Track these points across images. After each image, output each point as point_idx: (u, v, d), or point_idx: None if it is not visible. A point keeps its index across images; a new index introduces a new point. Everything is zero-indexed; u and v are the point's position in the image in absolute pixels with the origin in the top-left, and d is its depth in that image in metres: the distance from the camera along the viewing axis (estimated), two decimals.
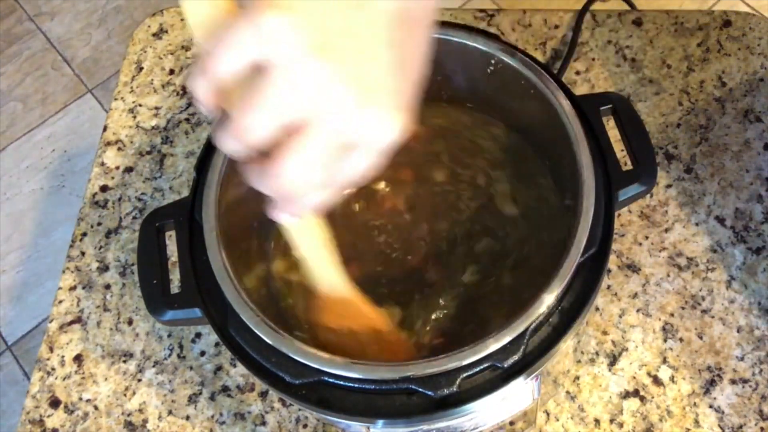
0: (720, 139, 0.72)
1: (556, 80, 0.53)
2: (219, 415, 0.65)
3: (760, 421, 0.61)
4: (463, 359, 0.44)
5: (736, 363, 0.63)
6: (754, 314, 0.64)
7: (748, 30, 0.77)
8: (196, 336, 0.69)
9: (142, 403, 0.66)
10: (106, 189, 0.77)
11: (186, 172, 0.76)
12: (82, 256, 0.73)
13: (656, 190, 0.70)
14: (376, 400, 0.45)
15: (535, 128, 0.59)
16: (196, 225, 0.52)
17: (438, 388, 0.43)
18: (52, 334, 0.70)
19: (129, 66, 0.83)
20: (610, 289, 0.66)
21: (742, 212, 0.69)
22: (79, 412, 0.66)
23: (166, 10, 0.87)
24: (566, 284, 0.46)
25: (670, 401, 0.62)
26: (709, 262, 0.67)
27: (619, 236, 0.68)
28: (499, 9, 0.82)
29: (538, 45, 0.79)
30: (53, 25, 1.82)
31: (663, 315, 0.65)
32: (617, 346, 0.64)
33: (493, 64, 0.55)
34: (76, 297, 0.71)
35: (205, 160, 0.53)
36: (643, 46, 0.77)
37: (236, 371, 0.67)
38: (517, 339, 0.44)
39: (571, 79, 0.76)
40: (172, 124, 0.79)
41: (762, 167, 0.70)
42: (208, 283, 0.50)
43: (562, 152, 0.52)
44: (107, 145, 0.79)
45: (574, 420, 0.62)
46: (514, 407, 0.52)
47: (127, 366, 0.68)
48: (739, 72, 0.75)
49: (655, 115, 0.74)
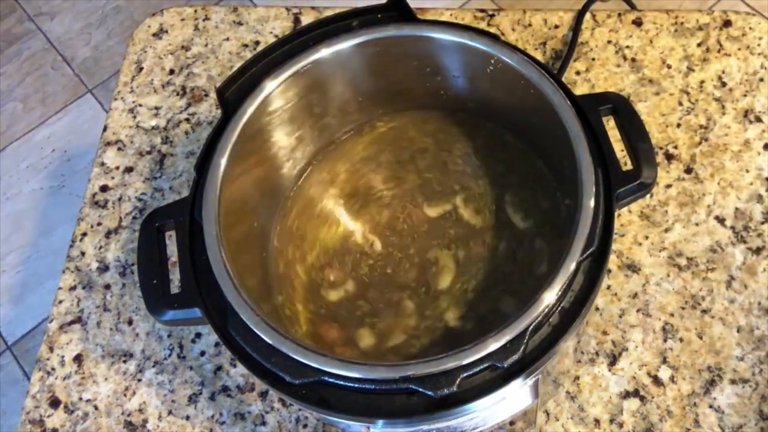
0: (720, 139, 0.72)
1: (556, 80, 0.53)
2: (219, 415, 0.65)
3: (760, 421, 0.61)
4: (463, 359, 0.44)
5: (736, 363, 0.63)
6: (754, 314, 0.64)
7: (748, 30, 0.77)
8: (196, 336, 0.69)
9: (142, 403, 0.66)
10: (106, 189, 0.77)
11: (186, 172, 0.76)
12: (82, 256, 0.73)
13: (656, 190, 0.70)
14: (376, 400, 0.45)
15: (535, 128, 0.59)
16: (196, 225, 0.52)
17: (438, 387, 0.43)
18: (52, 334, 0.70)
19: (129, 66, 0.83)
20: (610, 289, 0.66)
21: (742, 212, 0.69)
22: (79, 412, 0.66)
23: (166, 10, 0.87)
24: (566, 284, 0.46)
25: (670, 401, 0.62)
26: (709, 262, 0.67)
27: (619, 236, 0.68)
28: (499, 9, 0.82)
29: (538, 45, 0.79)
30: (53, 25, 1.82)
31: (663, 315, 0.65)
32: (617, 346, 0.64)
33: (493, 64, 0.55)
34: (76, 297, 0.71)
35: (205, 160, 0.53)
36: (643, 46, 0.77)
37: (236, 371, 0.67)
38: (517, 339, 0.44)
39: (571, 79, 0.76)
40: (172, 124, 0.79)
41: (762, 167, 0.70)
42: (208, 283, 0.50)
43: (562, 152, 0.52)
44: (107, 145, 0.79)
45: (574, 420, 0.62)
46: (514, 407, 0.52)
47: (127, 366, 0.68)
48: (739, 72, 0.75)
49: (655, 115, 0.74)
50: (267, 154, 0.59)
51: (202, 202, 0.51)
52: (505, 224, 0.59)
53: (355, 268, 0.59)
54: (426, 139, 0.64)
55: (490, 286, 0.57)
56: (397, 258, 0.59)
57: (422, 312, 0.57)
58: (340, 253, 0.60)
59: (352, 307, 0.58)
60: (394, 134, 0.64)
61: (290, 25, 0.83)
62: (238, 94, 0.55)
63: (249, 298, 0.48)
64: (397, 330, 0.56)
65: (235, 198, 0.54)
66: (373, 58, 0.58)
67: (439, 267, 0.58)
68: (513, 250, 0.58)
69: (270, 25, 0.84)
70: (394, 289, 0.58)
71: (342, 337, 0.56)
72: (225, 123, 0.54)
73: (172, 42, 0.84)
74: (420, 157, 0.63)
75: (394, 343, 0.56)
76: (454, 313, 0.56)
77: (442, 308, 0.56)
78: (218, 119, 0.55)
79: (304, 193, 0.63)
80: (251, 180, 0.57)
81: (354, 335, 0.56)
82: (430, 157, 0.63)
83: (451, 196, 0.61)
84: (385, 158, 0.63)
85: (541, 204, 0.59)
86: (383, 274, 0.58)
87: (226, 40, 0.83)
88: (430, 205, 0.60)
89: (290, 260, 0.60)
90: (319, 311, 0.58)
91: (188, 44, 0.84)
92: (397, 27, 0.56)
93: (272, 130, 0.58)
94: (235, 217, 0.55)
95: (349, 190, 0.62)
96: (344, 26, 0.57)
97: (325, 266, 0.60)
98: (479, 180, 0.61)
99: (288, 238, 0.61)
